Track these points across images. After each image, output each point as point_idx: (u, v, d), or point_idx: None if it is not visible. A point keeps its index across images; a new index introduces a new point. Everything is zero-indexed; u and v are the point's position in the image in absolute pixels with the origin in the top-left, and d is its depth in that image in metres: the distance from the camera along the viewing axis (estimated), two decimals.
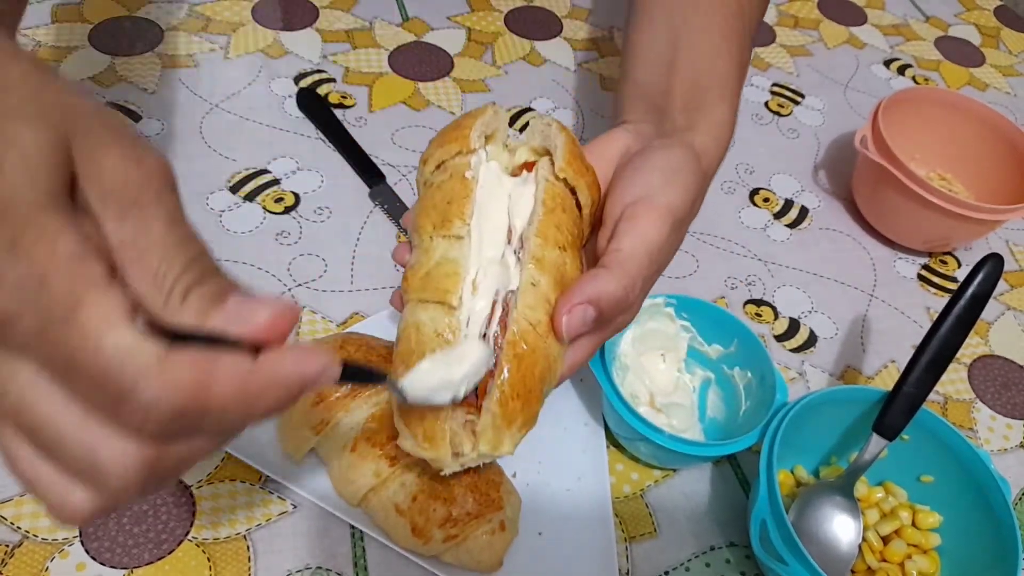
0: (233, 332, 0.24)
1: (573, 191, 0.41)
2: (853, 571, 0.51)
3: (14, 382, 0.23)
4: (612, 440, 0.57)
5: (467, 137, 0.41)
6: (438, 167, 0.41)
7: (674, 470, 0.56)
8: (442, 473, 0.38)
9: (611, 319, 0.39)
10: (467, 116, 0.42)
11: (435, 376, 0.35)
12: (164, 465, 0.24)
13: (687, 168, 0.43)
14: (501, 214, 0.40)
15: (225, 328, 0.24)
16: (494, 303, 0.38)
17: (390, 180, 0.68)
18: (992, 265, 0.50)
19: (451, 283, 0.37)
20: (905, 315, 0.70)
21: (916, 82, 0.94)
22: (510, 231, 0.40)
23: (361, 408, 0.49)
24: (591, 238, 0.45)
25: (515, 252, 0.39)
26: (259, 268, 0.61)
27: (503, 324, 0.37)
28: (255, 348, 0.24)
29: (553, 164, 0.41)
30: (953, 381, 0.66)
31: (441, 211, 0.39)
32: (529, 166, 0.42)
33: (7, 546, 0.46)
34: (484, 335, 0.38)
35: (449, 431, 0.37)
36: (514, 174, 0.42)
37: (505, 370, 0.37)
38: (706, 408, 0.58)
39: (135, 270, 0.24)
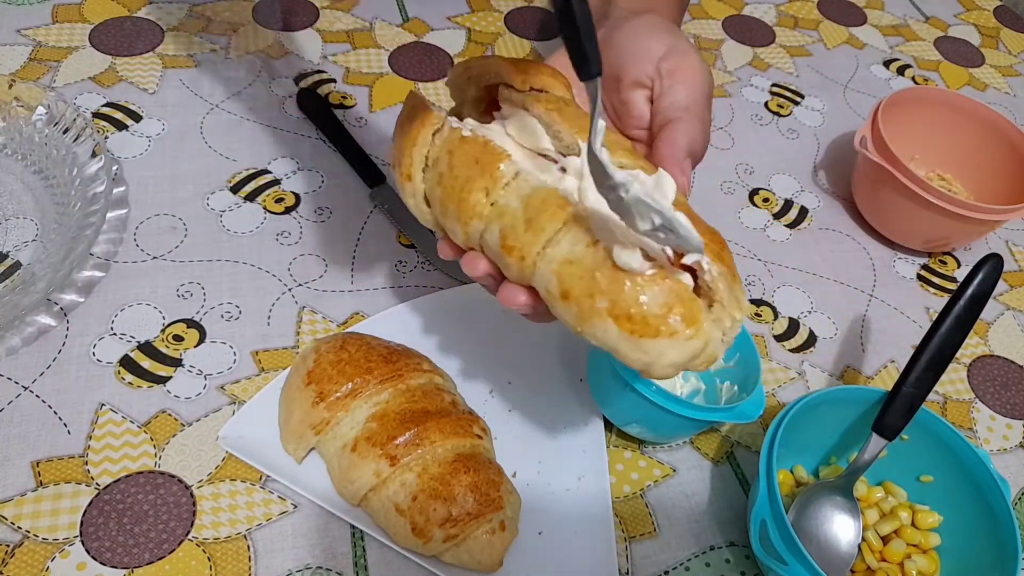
0: None
1: (543, 90, 0.41)
2: (853, 571, 0.51)
3: None
4: (612, 440, 0.57)
5: (428, 115, 0.38)
6: (427, 166, 0.39)
7: (673, 470, 0.56)
8: (712, 366, 0.35)
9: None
10: (407, 112, 0.40)
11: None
12: None
13: (661, 21, 0.46)
14: (514, 142, 0.39)
15: None
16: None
17: (390, 180, 0.68)
18: (991, 265, 0.51)
19: (555, 202, 0.35)
20: (904, 315, 0.70)
21: (916, 82, 0.95)
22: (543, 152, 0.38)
23: (362, 408, 0.49)
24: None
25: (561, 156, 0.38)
26: (259, 268, 0.61)
27: None
28: None
29: (508, 82, 0.40)
30: (952, 381, 0.66)
31: (480, 175, 0.36)
32: (491, 107, 0.42)
33: (7, 546, 0.46)
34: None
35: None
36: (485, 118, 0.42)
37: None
38: None
39: None
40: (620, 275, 0.33)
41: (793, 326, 0.67)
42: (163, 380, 0.54)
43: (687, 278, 0.34)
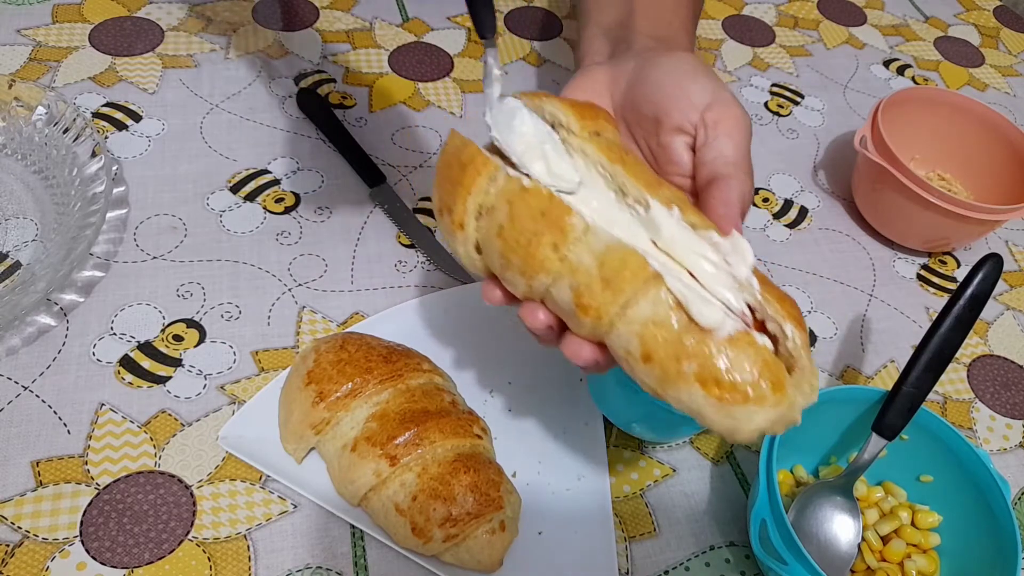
0: None
1: (598, 133, 0.40)
2: (853, 571, 0.51)
3: None
4: (612, 440, 0.57)
5: (485, 163, 0.36)
6: (481, 215, 0.37)
7: (673, 470, 0.56)
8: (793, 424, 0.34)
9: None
10: (458, 157, 0.38)
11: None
12: None
13: (700, 63, 0.46)
14: (578, 186, 0.37)
15: None
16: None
17: (390, 180, 0.68)
18: (991, 265, 0.50)
19: (635, 262, 0.33)
20: (904, 315, 0.70)
21: (916, 82, 0.95)
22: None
23: (362, 408, 0.49)
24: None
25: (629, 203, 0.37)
26: (259, 268, 0.61)
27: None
28: None
29: (567, 126, 0.39)
30: (952, 381, 0.66)
31: (547, 229, 0.34)
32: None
33: (7, 546, 0.46)
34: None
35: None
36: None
37: (772, 297, 0.35)
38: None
39: None
40: (707, 338, 0.33)
41: None
42: (163, 380, 0.54)
43: (768, 342, 0.34)
